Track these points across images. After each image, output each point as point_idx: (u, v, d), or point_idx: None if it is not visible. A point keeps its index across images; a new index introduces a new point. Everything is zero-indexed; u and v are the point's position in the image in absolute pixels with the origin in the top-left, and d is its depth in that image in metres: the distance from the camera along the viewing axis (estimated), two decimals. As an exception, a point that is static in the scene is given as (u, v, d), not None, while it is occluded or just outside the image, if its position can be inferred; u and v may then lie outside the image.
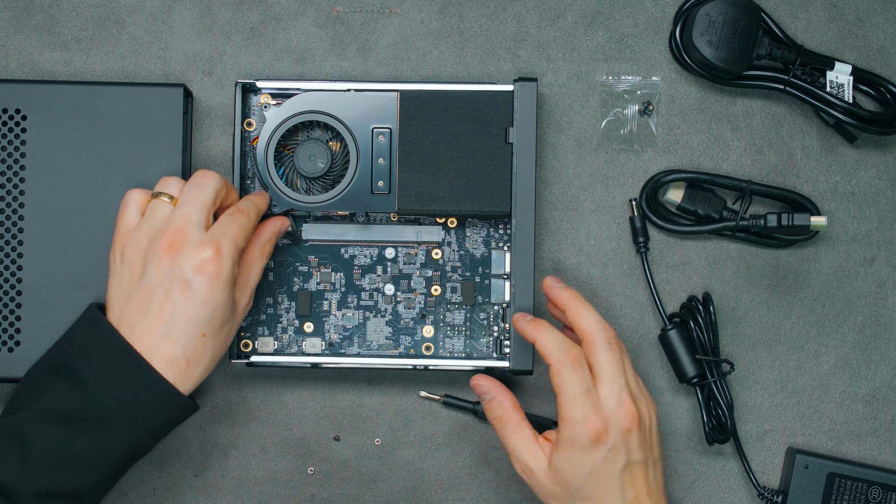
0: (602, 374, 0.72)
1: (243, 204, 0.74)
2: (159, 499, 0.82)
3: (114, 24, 0.82)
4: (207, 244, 0.70)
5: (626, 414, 0.71)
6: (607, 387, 0.71)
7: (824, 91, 0.80)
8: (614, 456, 0.71)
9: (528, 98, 0.77)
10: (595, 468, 0.71)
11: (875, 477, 0.80)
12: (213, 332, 0.71)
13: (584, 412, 0.70)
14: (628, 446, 0.71)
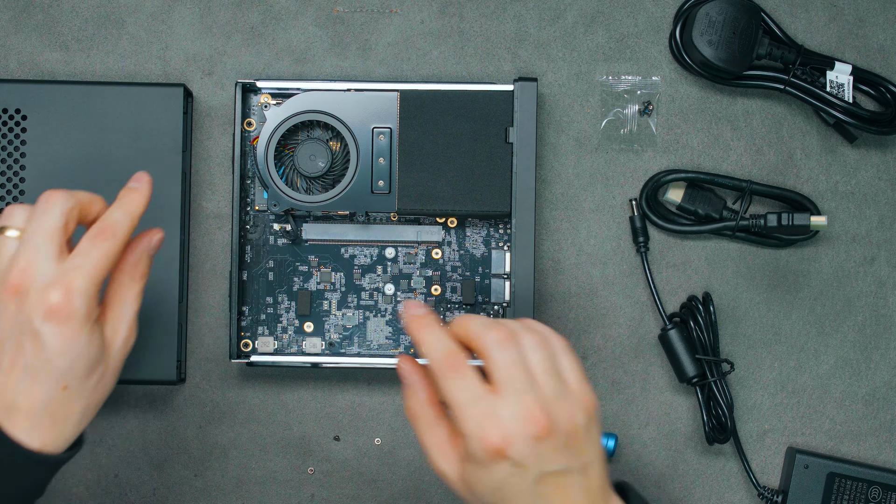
0: (497, 379, 0.61)
1: (109, 220, 0.63)
2: (159, 499, 0.82)
3: (114, 24, 0.82)
4: (55, 285, 0.60)
5: (531, 422, 0.60)
6: (504, 393, 0.61)
7: (824, 91, 0.80)
8: (521, 471, 0.61)
9: (528, 98, 0.77)
10: (502, 484, 0.61)
11: (875, 477, 0.80)
12: (78, 384, 0.62)
13: (476, 424, 0.60)
14: (540, 457, 0.61)
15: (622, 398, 0.82)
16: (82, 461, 0.81)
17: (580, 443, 0.62)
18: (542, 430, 0.60)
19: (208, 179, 0.82)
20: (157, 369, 0.78)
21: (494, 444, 0.60)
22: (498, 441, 0.60)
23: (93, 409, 0.64)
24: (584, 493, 0.62)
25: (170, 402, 0.82)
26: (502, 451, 0.60)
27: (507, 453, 0.60)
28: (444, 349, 0.62)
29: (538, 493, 0.61)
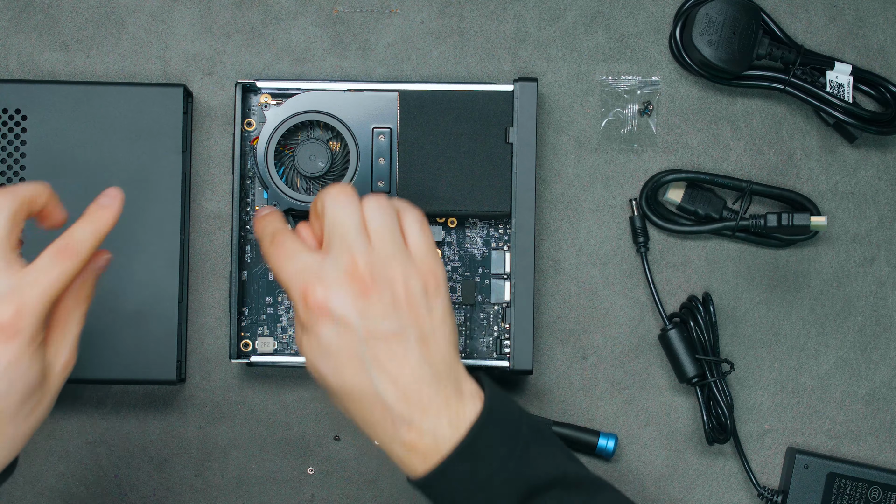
0: (326, 236, 0.61)
1: (74, 237, 0.60)
2: (159, 499, 0.82)
3: (114, 24, 0.82)
4: (7, 302, 0.57)
5: (353, 277, 0.59)
6: (331, 250, 0.60)
7: (824, 91, 0.80)
8: (347, 330, 0.59)
9: (528, 98, 0.77)
10: (330, 346, 0.60)
11: (875, 477, 0.80)
12: (14, 408, 0.58)
13: (300, 283, 0.60)
14: (366, 315, 0.59)
15: (622, 398, 0.82)
16: (82, 461, 0.81)
17: (416, 309, 0.61)
18: (364, 286, 0.59)
19: (208, 179, 0.82)
20: (157, 369, 0.78)
21: (316, 300, 0.59)
22: (319, 297, 0.59)
23: (23, 437, 0.60)
24: (421, 362, 0.60)
25: (170, 402, 0.82)
26: (324, 307, 0.59)
27: (330, 308, 0.59)
28: (272, 229, 0.62)
29: (369, 356, 0.59)
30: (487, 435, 0.61)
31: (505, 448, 0.61)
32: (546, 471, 0.62)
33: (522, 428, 0.62)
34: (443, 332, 0.62)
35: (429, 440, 0.61)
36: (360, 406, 0.62)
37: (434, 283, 0.62)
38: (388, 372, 0.60)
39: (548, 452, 0.63)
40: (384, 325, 0.60)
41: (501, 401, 0.63)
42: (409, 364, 0.60)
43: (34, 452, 0.81)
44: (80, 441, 0.81)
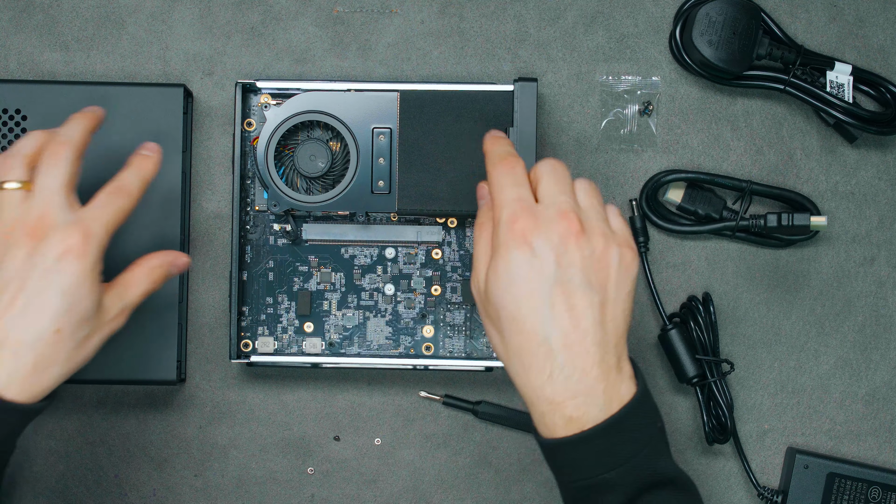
0: (540, 185, 0.64)
1: (125, 180, 0.68)
2: (159, 499, 0.82)
3: (114, 24, 0.82)
4: (75, 228, 0.64)
5: (564, 219, 0.62)
6: (544, 192, 0.63)
7: (824, 91, 0.80)
8: (540, 263, 0.61)
9: (528, 98, 0.77)
10: (517, 276, 0.61)
11: (875, 477, 0.80)
12: (70, 330, 0.64)
13: (510, 210, 0.62)
14: (562, 259, 0.61)
15: (622, 398, 0.82)
16: (82, 461, 0.81)
17: (607, 274, 0.63)
18: (572, 232, 0.62)
19: (208, 179, 0.82)
20: (157, 369, 0.78)
21: (524, 226, 0.61)
22: (529, 225, 0.61)
23: (74, 365, 0.65)
24: (595, 324, 0.62)
25: (170, 402, 0.82)
26: (528, 235, 0.61)
27: (533, 239, 0.61)
28: (504, 151, 0.66)
29: (552, 296, 0.61)
30: (636, 419, 0.62)
31: (645, 436, 0.63)
32: (668, 468, 0.64)
33: (659, 422, 0.65)
34: (623, 306, 0.63)
35: (580, 406, 0.61)
36: (524, 343, 0.62)
37: (630, 259, 0.64)
38: (564, 319, 0.61)
39: (668, 452, 0.65)
40: (576, 276, 0.61)
41: (648, 392, 0.65)
42: (585, 320, 0.61)
43: (34, 452, 0.81)
44: (80, 441, 0.81)
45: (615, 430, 0.62)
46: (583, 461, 0.62)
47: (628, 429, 0.62)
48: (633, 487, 0.62)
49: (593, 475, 0.62)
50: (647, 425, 0.63)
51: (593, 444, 0.62)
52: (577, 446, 0.62)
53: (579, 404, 0.61)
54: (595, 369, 0.61)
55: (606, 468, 0.62)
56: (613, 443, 0.62)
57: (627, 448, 0.62)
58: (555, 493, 0.81)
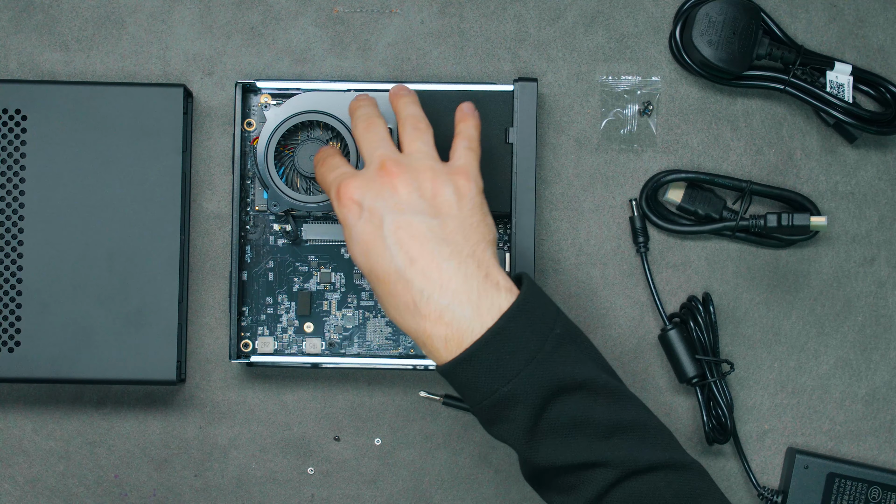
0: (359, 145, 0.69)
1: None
2: (159, 499, 0.82)
3: (114, 24, 0.82)
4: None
5: (380, 171, 0.65)
6: (363, 152, 0.68)
7: (824, 91, 0.80)
8: (372, 215, 0.65)
9: (528, 98, 0.77)
10: (360, 237, 0.65)
11: (875, 477, 0.80)
12: None
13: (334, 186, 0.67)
14: (390, 203, 0.64)
15: (622, 398, 0.82)
16: (82, 461, 0.81)
17: (442, 199, 0.65)
18: (391, 177, 0.65)
19: (208, 179, 0.82)
20: (157, 369, 0.78)
21: (348, 193, 0.65)
22: (350, 190, 0.65)
23: None
24: (442, 244, 0.64)
25: (170, 402, 0.82)
26: (353, 198, 0.65)
27: (359, 199, 0.65)
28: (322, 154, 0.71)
29: (392, 237, 0.64)
30: (518, 326, 0.63)
31: (534, 342, 0.63)
32: (574, 373, 0.63)
33: (556, 328, 0.64)
34: (470, 223, 0.65)
35: (454, 324, 0.63)
36: (387, 288, 0.64)
37: (462, 183, 0.66)
38: (409, 251, 0.63)
39: (579, 357, 0.64)
40: (408, 211, 0.64)
41: (538, 298, 0.65)
42: (429, 242, 0.63)
43: (34, 452, 0.81)
44: (80, 441, 0.81)
45: (497, 342, 0.62)
46: (476, 379, 0.63)
47: (513, 338, 0.63)
48: (536, 397, 0.62)
49: (491, 391, 0.63)
50: (536, 332, 0.63)
51: (479, 359, 0.62)
52: (464, 365, 0.63)
53: (449, 321, 0.62)
54: (453, 282, 0.63)
55: (501, 381, 0.62)
56: (500, 354, 0.62)
57: (517, 357, 0.62)
58: (555, 493, 0.81)
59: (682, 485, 0.64)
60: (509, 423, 0.64)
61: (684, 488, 0.64)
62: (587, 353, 0.65)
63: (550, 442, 0.63)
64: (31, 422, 0.81)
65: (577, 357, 0.64)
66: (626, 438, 0.64)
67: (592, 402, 0.63)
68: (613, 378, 0.66)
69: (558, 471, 0.64)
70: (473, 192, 0.66)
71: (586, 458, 0.63)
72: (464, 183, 0.66)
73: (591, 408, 0.63)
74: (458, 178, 0.66)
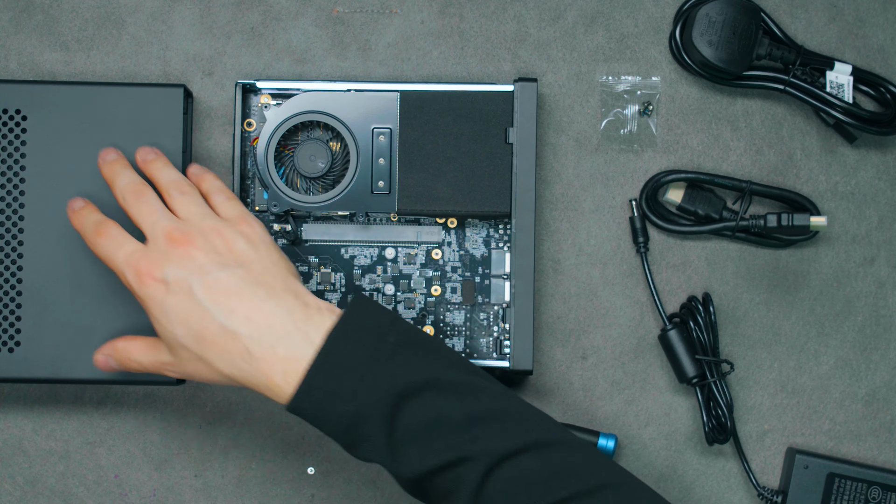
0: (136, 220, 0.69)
1: None
2: (159, 499, 0.82)
3: (114, 24, 0.82)
4: None
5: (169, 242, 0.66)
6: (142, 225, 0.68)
7: (824, 91, 0.80)
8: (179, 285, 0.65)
9: (528, 98, 0.77)
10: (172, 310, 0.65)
11: (875, 477, 0.80)
12: None
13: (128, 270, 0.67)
14: (192, 268, 0.65)
15: (622, 398, 0.82)
16: (82, 461, 0.81)
17: (237, 250, 0.66)
18: (184, 244, 0.66)
19: (208, 179, 0.82)
20: (158, 369, 0.77)
21: (150, 273, 0.65)
22: (151, 270, 0.65)
23: None
24: (251, 285, 0.65)
25: (170, 402, 0.82)
26: (156, 276, 0.65)
27: (162, 276, 0.65)
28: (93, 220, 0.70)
29: (206, 299, 0.64)
30: (344, 343, 0.63)
31: (365, 354, 0.63)
32: (416, 375, 0.63)
33: (389, 337, 0.64)
34: (272, 261, 0.67)
35: (288, 356, 0.63)
36: (217, 348, 0.65)
37: (249, 230, 0.68)
38: (227, 304, 0.64)
39: (421, 359, 0.64)
40: (212, 270, 0.65)
41: (366, 311, 0.65)
42: (245, 292, 0.65)
43: (34, 452, 0.81)
44: (80, 441, 0.81)
45: (330, 363, 0.63)
46: (322, 407, 0.63)
47: (343, 355, 0.63)
48: (382, 408, 0.62)
49: (339, 415, 0.63)
50: (366, 345, 0.63)
51: (317, 384, 0.63)
52: (306, 396, 0.63)
53: (283, 355, 0.63)
54: (277, 318, 0.64)
55: (344, 402, 0.63)
56: (335, 375, 0.63)
57: (353, 374, 0.63)
58: (555, 493, 0.81)
59: (556, 461, 0.63)
60: (368, 442, 0.63)
61: (560, 464, 0.63)
62: (431, 355, 0.65)
63: (411, 449, 0.63)
64: (31, 422, 0.81)
65: (418, 360, 0.64)
66: (485, 428, 0.63)
67: (442, 399, 0.63)
68: (465, 373, 0.65)
69: (430, 476, 0.63)
70: (261, 233, 0.68)
71: (449, 456, 0.62)
72: (248, 229, 0.68)
73: (442, 406, 0.63)
74: (242, 227, 0.68)
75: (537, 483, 0.62)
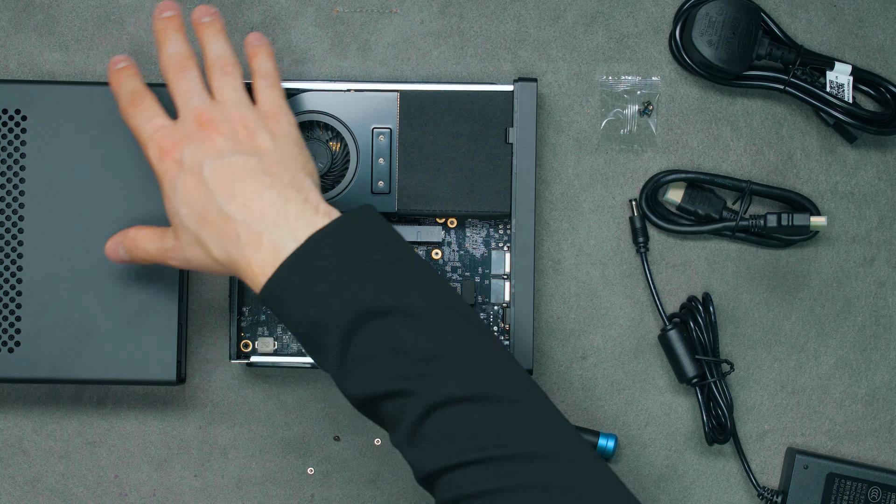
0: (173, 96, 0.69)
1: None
2: (159, 499, 0.82)
3: (114, 24, 0.82)
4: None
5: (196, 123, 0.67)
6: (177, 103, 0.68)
7: (824, 91, 0.80)
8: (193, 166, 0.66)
9: (528, 98, 0.77)
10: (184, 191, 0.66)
11: (875, 477, 0.80)
12: None
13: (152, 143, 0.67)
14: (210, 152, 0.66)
15: (622, 398, 0.82)
16: (82, 461, 0.81)
17: (257, 140, 0.66)
18: (208, 129, 0.66)
19: (208, 179, 0.82)
20: (157, 369, 0.77)
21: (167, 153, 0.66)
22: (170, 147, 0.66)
23: None
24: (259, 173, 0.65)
25: (170, 402, 0.82)
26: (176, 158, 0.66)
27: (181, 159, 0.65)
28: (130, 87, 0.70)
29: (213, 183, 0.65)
30: (322, 248, 0.62)
31: (341, 265, 0.62)
32: (387, 297, 0.62)
33: (375, 254, 0.63)
34: (289, 154, 0.67)
35: (270, 246, 0.63)
36: (213, 230, 0.65)
37: (274, 125, 0.68)
38: (231, 189, 0.64)
39: (399, 282, 0.63)
40: (227, 154, 0.65)
41: (363, 223, 0.64)
42: (250, 179, 0.65)
43: (34, 452, 0.81)
44: (80, 441, 0.81)
45: (302, 263, 0.62)
46: (288, 303, 0.63)
47: (320, 259, 0.62)
48: (343, 321, 0.61)
49: (302, 316, 0.62)
50: (347, 255, 0.62)
51: (288, 281, 0.62)
52: (276, 290, 0.63)
53: (266, 244, 0.63)
54: (273, 208, 0.64)
55: (309, 304, 0.62)
56: (307, 276, 0.62)
57: (324, 279, 0.62)
58: (555, 493, 0.81)
59: (502, 418, 0.60)
60: (325, 351, 0.62)
61: (505, 422, 0.60)
62: (414, 281, 0.63)
63: (361, 370, 0.62)
64: (31, 422, 0.81)
65: (395, 283, 0.62)
66: (439, 367, 0.61)
67: (405, 328, 0.61)
68: (442, 307, 0.63)
69: (374, 400, 0.62)
70: (286, 129, 0.68)
71: (394, 386, 0.61)
72: (275, 125, 0.68)
73: (403, 334, 0.61)
74: (270, 122, 0.68)
75: (473, 435, 0.60)
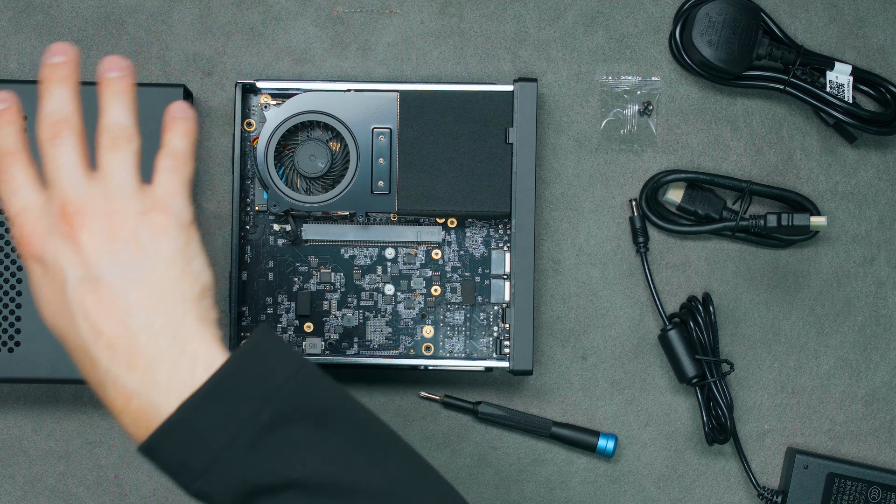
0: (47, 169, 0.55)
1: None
2: (159, 499, 0.82)
3: (114, 24, 0.82)
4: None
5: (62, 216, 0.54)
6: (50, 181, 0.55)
7: (824, 91, 0.80)
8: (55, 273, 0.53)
9: (528, 98, 0.77)
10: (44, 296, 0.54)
11: (875, 477, 0.80)
12: None
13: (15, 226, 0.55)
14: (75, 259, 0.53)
15: (622, 398, 0.82)
16: (82, 461, 0.81)
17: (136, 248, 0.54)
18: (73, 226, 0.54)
19: (208, 179, 0.82)
20: (157, 369, 0.77)
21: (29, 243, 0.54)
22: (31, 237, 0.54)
23: None
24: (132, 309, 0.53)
25: (170, 403, 0.82)
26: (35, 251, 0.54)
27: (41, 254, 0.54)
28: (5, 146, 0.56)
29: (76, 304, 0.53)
30: (202, 412, 0.52)
31: (224, 433, 0.52)
32: (280, 471, 0.52)
33: (272, 404, 0.52)
34: (169, 278, 0.54)
35: (142, 412, 0.52)
36: (77, 359, 0.55)
37: (157, 222, 0.55)
38: (96, 322, 0.53)
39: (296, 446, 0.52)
40: (94, 269, 0.53)
41: (251, 366, 0.53)
42: (118, 314, 0.53)
43: (34, 452, 0.81)
44: (80, 441, 0.81)
45: (181, 430, 0.52)
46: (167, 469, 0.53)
47: (197, 427, 0.52)
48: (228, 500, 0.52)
49: (183, 484, 0.52)
50: (230, 418, 0.52)
51: (163, 449, 0.52)
52: (151, 453, 0.53)
53: (136, 407, 0.53)
54: (143, 359, 0.52)
55: (190, 477, 0.52)
56: (184, 447, 0.52)
57: (203, 451, 0.52)
58: (555, 493, 0.81)
59: None
60: None
61: None
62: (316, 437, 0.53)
63: None
64: (31, 422, 0.81)
65: (290, 449, 0.52)
66: None
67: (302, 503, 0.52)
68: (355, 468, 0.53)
69: None
70: (173, 232, 0.55)
71: None
72: (161, 220, 0.55)
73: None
74: (155, 217, 0.55)
75: None
